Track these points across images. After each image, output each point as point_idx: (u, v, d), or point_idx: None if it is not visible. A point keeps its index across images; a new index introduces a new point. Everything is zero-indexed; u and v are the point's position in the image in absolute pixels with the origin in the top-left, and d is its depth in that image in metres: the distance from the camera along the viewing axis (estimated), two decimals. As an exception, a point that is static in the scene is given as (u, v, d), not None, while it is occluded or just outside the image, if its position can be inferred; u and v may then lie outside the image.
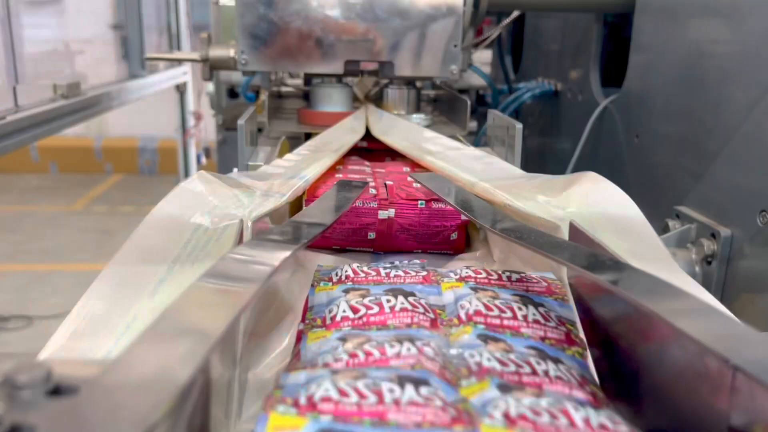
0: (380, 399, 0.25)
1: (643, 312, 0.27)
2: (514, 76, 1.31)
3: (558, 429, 0.25)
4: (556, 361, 0.31)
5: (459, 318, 0.34)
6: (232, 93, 1.30)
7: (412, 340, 0.30)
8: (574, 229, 0.41)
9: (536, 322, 0.34)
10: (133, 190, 3.71)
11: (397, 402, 0.25)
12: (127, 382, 0.18)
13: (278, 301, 0.43)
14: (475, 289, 0.37)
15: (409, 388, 0.26)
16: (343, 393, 0.25)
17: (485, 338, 0.32)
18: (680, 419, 0.27)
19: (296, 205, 0.60)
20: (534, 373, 0.29)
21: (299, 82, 1.10)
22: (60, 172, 4.04)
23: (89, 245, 2.79)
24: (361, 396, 0.25)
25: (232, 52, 0.84)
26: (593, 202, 0.45)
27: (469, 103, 0.86)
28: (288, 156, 0.61)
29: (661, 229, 0.70)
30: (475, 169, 0.59)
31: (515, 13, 0.93)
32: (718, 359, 0.23)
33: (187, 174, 2.30)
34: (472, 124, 0.90)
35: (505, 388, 0.28)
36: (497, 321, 0.34)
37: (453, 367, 0.30)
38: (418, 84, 0.95)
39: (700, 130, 0.67)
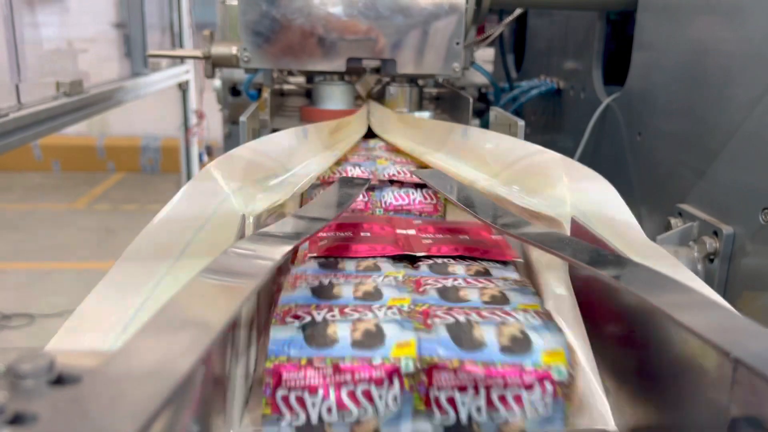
0: None
1: (645, 306, 0.27)
2: (517, 74, 1.31)
3: None
4: None
5: None
6: (234, 91, 1.30)
7: None
8: (576, 225, 0.41)
9: None
10: (136, 189, 3.72)
11: None
12: (129, 372, 0.19)
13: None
14: None
15: None
16: None
17: None
18: (681, 412, 0.27)
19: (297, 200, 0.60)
20: None
21: (301, 80, 1.10)
22: (62, 171, 4.05)
23: (91, 243, 2.79)
24: None
25: (234, 50, 0.84)
26: (593, 202, 0.45)
27: (471, 100, 0.86)
28: (292, 130, 0.61)
29: (663, 227, 0.70)
30: (481, 149, 0.59)
31: (518, 11, 0.93)
32: (719, 352, 0.23)
33: (189, 172, 2.30)
34: (474, 122, 0.90)
35: None
36: None
37: None
38: (421, 82, 0.95)
39: (703, 128, 0.67)
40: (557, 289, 0.41)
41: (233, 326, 0.33)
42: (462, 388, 0.29)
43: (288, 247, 0.33)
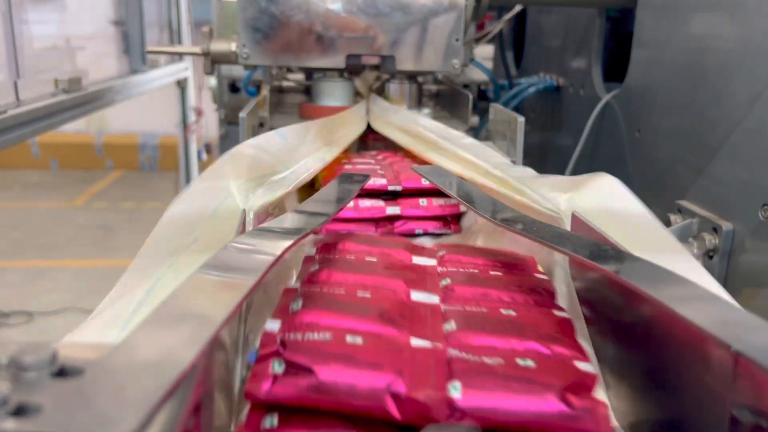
0: None
1: (646, 300, 0.27)
2: (516, 71, 1.31)
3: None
4: None
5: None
6: (233, 88, 1.30)
7: None
8: (576, 220, 0.41)
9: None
10: (134, 187, 3.71)
11: None
12: (132, 364, 0.19)
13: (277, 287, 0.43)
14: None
15: None
16: None
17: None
18: (682, 407, 0.27)
19: (300, 197, 0.60)
20: None
21: (300, 77, 1.10)
22: (60, 169, 4.05)
23: (90, 241, 2.79)
24: None
25: (233, 46, 0.84)
26: (596, 198, 0.45)
27: (471, 97, 0.86)
28: (292, 128, 0.61)
29: (663, 224, 0.70)
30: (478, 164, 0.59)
31: (517, 8, 0.93)
32: (719, 346, 0.23)
33: (187, 170, 2.30)
34: (474, 119, 0.89)
35: None
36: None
37: None
38: (420, 79, 0.95)
39: (702, 124, 0.67)
40: (557, 284, 0.41)
41: (235, 320, 0.33)
42: None
43: (288, 242, 0.33)
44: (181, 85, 2.18)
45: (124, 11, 1.77)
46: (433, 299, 0.35)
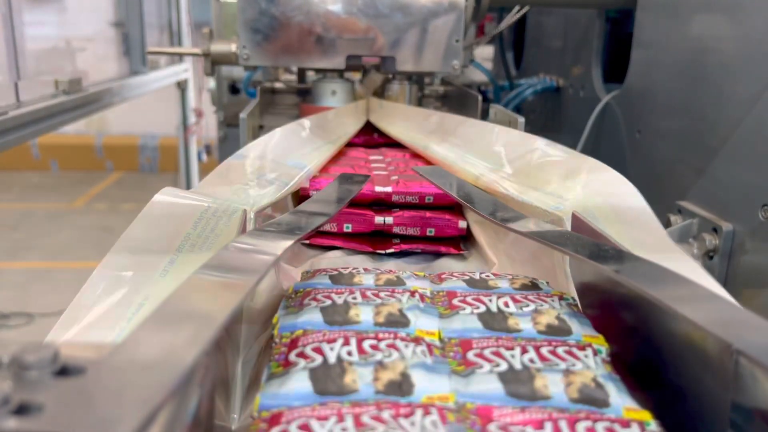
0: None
1: (647, 300, 0.27)
2: (516, 72, 1.31)
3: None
4: None
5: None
6: (234, 89, 1.30)
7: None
8: (576, 219, 0.41)
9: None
10: (134, 188, 3.71)
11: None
12: (133, 363, 0.19)
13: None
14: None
15: None
16: None
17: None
18: (684, 405, 0.27)
19: (297, 196, 0.60)
20: None
21: (292, 77, 1.10)
22: (61, 170, 4.04)
23: (90, 243, 2.79)
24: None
25: (233, 47, 0.84)
26: (596, 193, 0.45)
27: (480, 98, 0.86)
28: (288, 127, 0.60)
29: (663, 225, 0.70)
30: (483, 144, 0.59)
31: (520, 10, 0.93)
32: (720, 344, 0.23)
33: (187, 171, 2.30)
34: (474, 120, 0.90)
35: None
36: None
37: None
38: (427, 80, 0.95)
39: (702, 125, 0.67)
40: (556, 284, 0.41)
41: (234, 320, 0.33)
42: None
43: (288, 243, 0.33)
44: (181, 86, 2.18)
45: (124, 13, 1.77)
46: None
